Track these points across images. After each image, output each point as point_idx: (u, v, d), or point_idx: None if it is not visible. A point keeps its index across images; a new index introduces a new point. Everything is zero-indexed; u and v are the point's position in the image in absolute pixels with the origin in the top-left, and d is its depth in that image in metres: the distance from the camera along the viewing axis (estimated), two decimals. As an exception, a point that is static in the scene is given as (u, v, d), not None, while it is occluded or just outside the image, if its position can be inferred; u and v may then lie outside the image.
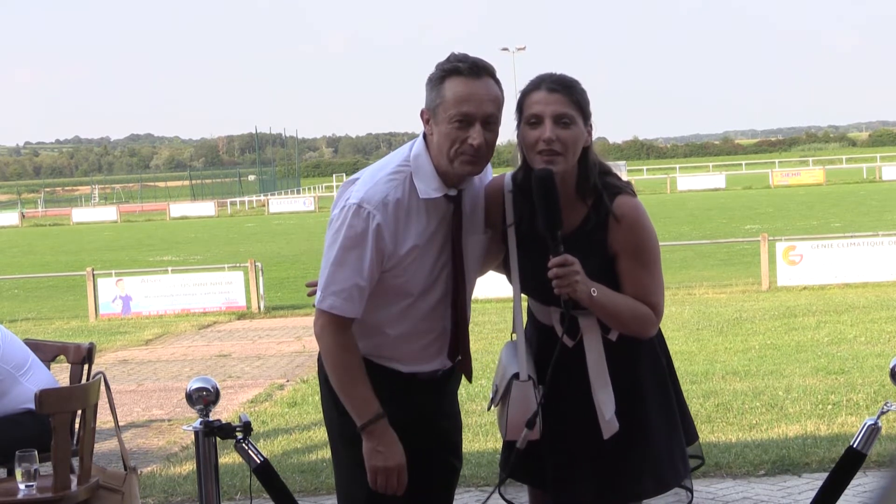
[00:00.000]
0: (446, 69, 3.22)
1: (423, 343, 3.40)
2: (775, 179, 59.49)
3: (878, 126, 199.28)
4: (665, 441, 3.40)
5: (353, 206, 3.23)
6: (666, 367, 3.48)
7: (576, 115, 3.22)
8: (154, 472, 7.15)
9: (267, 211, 60.03)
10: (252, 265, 17.35)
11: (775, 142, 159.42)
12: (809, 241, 17.33)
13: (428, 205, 3.27)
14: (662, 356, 3.47)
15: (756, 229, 26.73)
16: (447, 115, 3.18)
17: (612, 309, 3.26)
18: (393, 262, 3.27)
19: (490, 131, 3.21)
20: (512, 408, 3.32)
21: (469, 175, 3.27)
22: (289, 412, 8.88)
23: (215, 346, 13.71)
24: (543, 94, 3.22)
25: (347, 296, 3.24)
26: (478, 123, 3.17)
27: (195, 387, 4.05)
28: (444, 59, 3.26)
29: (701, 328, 12.46)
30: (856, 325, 12.05)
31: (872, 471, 6.00)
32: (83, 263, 24.16)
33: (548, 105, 3.20)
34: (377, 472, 3.32)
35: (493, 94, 3.22)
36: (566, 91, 3.23)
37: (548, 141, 3.18)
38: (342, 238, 3.23)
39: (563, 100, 3.21)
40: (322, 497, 6.35)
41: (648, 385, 3.40)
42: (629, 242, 3.28)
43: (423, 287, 3.33)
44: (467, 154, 3.19)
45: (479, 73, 3.20)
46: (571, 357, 3.34)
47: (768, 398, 8.29)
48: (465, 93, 3.17)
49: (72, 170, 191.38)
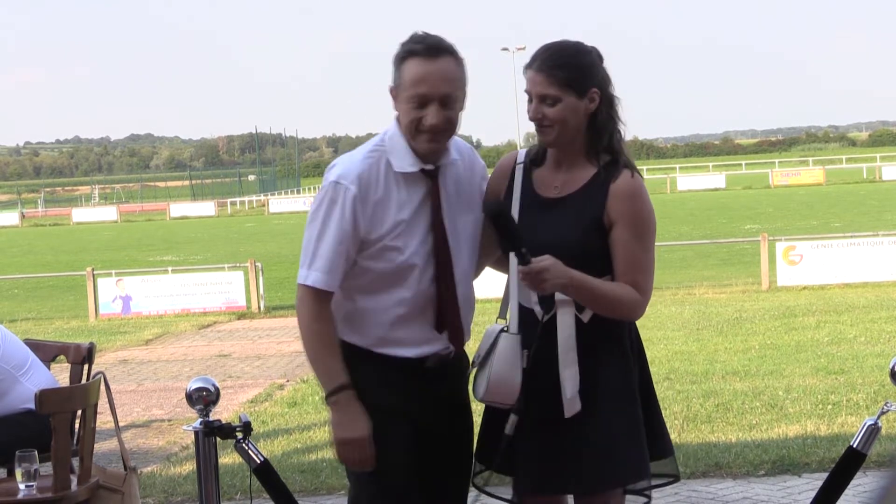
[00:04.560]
0: (404, 50, 3.32)
1: (420, 322, 3.42)
2: (775, 179, 59.49)
3: (878, 126, 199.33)
4: (617, 438, 3.37)
5: (331, 183, 3.36)
6: (635, 374, 3.45)
7: (562, 94, 3.34)
8: (154, 472, 7.14)
9: (267, 211, 60.02)
10: (252, 265, 17.35)
11: (775, 142, 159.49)
12: (809, 241, 17.33)
13: (406, 179, 3.37)
14: (634, 365, 3.45)
15: (756, 229, 26.72)
16: (406, 95, 3.31)
17: (589, 295, 3.31)
18: (376, 235, 3.34)
19: (449, 109, 3.30)
20: (498, 361, 3.34)
21: (432, 151, 3.36)
22: (289, 412, 8.88)
23: (215, 346, 13.71)
24: (532, 73, 3.38)
25: (329, 268, 3.33)
26: (435, 103, 3.27)
27: (195, 387, 4.05)
28: (406, 39, 3.35)
29: (701, 328, 12.46)
30: (856, 325, 12.04)
31: (872, 471, 5.99)
32: (83, 263, 24.15)
33: (535, 85, 3.36)
34: (340, 444, 3.34)
35: (450, 74, 3.31)
36: (551, 71, 3.34)
37: (534, 119, 3.38)
38: (322, 213, 3.35)
39: (548, 80, 3.34)
40: (322, 497, 6.35)
41: (607, 381, 3.38)
42: (626, 212, 3.35)
43: (412, 263, 3.38)
44: (426, 133, 3.31)
45: (436, 53, 3.29)
46: (543, 333, 3.37)
47: (768, 398, 8.28)
48: (420, 74, 3.27)
49: (72, 170, 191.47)
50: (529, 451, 3.40)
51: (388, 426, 3.39)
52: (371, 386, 3.41)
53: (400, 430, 3.41)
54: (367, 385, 3.40)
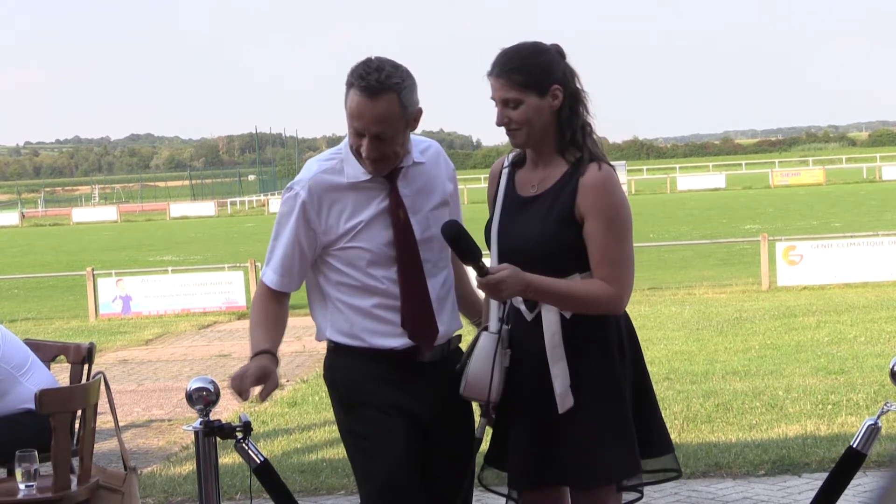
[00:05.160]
0: (349, 79, 3.42)
1: (394, 316, 3.53)
2: (775, 179, 59.49)
3: (878, 126, 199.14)
4: (602, 434, 3.39)
5: (286, 189, 3.59)
6: (622, 370, 3.45)
7: (522, 96, 3.41)
8: (154, 472, 7.15)
9: (267, 211, 59.99)
10: (252, 265, 17.35)
11: (775, 142, 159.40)
12: (809, 241, 17.34)
13: (361, 184, 3.51)
14: (623, 360, 3.46)
15: (756, 229, 26.73)
16: (347, 120, 3.47)
17: (553, 297, 3.38)
18: (334, 236, 3.50)
19: (383, 143, 3.41)
20: (474, 359, 3.45)
21: (376, 171, 3.49)
22: (289, 412, 8.88)
23: (215, 346, 13.71)
24: (493, 79, 3.46)
25: (282, 270, 3.56)
26: (367, 138, 3.40)
27: (195, 387, 4.04)
28: (357, 65, 3.42)
29: (701, 328, 12.46)
30: (856, 325, 12.04)
31: (872, 471, 5.99)
32: (83, 263, 24.15)
33: (496, 91, 3.45)
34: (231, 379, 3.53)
35: (386, 115, 3.37)
36: (509, 75, 3.42)
37: (500, 124, 3.48)
38: (278, 218, 3.59)
39: (507, 84, 3.42)
40: (322, 497, 6.35)
41: (591, 377, 3.40)
42: (595, 204, 3.39)
43: (377, 261, 3.51)
44: (365, 158, 3.46)
45: (375, 93, 3.36)
46: (530, 332, 3.42)
47: (768, 398, 8.28)
48: (356, 110, 3.40)
49: (72, 170, 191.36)
50: (520, 444, 3.46)
51: (389, 422, 3.47)
52: (367, 382, 3.51)
53: (399, 425, 3.48)
54: (363, 381, 3.51)
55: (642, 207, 41.95)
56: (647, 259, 20.62)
